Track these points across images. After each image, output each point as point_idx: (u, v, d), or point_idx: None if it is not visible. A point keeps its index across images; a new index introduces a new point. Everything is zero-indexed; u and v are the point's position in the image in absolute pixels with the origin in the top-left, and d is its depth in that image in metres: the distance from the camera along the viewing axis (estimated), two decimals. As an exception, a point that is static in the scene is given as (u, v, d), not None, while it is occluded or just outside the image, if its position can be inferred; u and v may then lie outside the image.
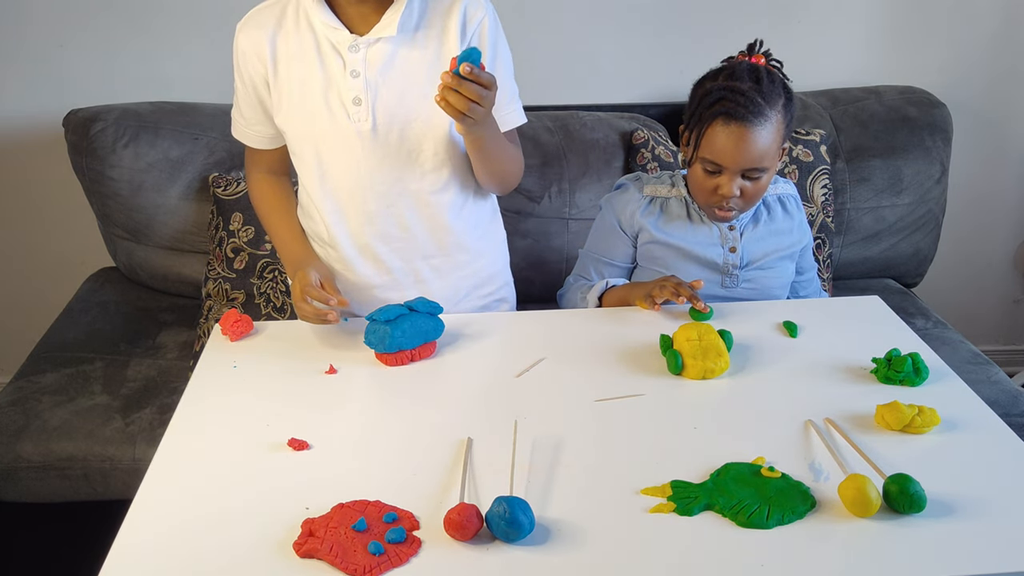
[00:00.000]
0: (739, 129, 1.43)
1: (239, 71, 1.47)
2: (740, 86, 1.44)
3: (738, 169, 1.46)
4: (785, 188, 1.64)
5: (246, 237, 2.03)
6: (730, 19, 2.32)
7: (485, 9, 1.43)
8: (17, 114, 2.29)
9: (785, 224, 1.61)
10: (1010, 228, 2.63)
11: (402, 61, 1.40)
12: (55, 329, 2.09)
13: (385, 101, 1.40)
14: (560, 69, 2.34)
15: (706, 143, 1.47)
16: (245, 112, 1.51)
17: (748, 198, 1.50)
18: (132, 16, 2.21)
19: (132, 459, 1.75)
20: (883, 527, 0.99)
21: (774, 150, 1.47)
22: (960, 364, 1.93)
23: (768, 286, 1.61)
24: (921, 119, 2.24)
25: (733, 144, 1.44)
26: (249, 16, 1.45)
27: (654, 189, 1.61)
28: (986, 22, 2.39)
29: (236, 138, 1.57)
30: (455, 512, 0.97)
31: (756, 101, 1.43)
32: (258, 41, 1.42)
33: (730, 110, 1.43)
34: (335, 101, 1.41)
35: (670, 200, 1.60)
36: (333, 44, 1.39)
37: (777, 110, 1.45)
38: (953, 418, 1.18)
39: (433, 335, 1.35)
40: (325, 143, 1.43)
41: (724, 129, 1.44)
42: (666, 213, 1.59)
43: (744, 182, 1.47)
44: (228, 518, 1.02)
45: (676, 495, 1.04)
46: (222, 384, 1.30)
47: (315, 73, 1.40)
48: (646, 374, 1.31)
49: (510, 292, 1.69)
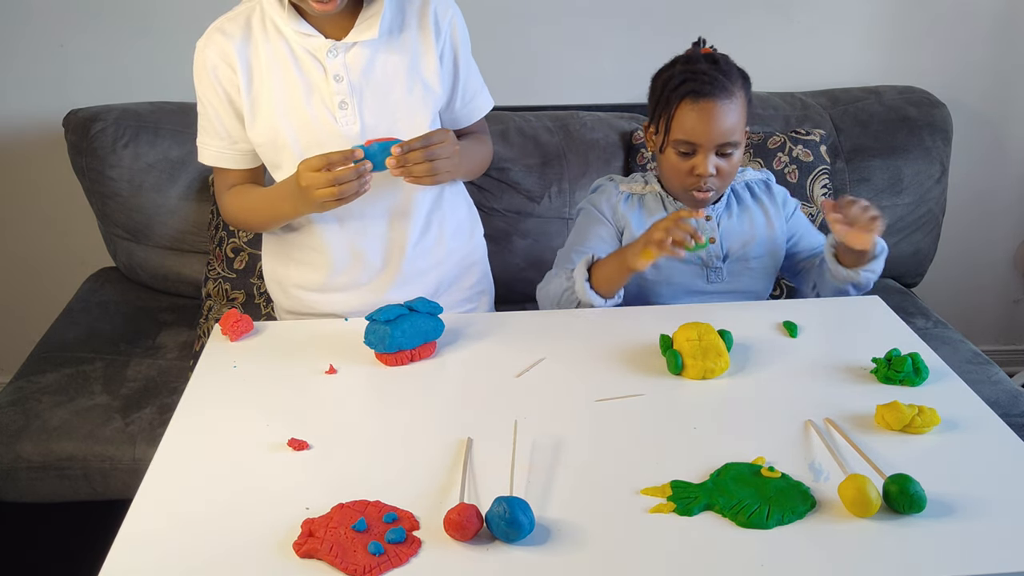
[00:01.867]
0: (708, 104, 1.46)
1: (210, 87, 1.43)
2: (701, 67, 1.48)
3: (712, 145, 1.47)
4: (752, 175, 1.66)
5: (246, 237, 2.03)
6: (730, 19, 2.32)
7: (452, 8, 1.49)
8: (17, 114, 2.29)
9: (756, 208, 1.62)
10: (1010, 228, 2.63)
11: (382, 63, 1.43)
12: (55, 329, 2.09)
13: (371, 103, 1.43)
14: (560, 69, 2.34)
15: (677, 125, 1.48)
16: (225, 131, 1.47)
17: (723, 176, 1.51)
18: (132, 16, 2.21)
19: (132, 459, 1.75)
20: (883, 527, 0.99)
21: (741, 126, 1.50)
22: (960, 364, 1.93)
23: (752, 279, 1.61)
24: (921, 119, 2.25)
25: (705, 120, 1.46)
26: (210, 31, 1.43)
27: (629, 187, 1.63)
28: (986, 22, 2.39)
29: (210, 164, 1.51)
30: (455, 512, 0.97)
31: (719, 78, 1.47)
32: (227, 51, 1.41)
33: (696, 88, 1.46)
34: (319, 106, 1.42)
35: (645, 196, 1.61)
36: (309, 50, 1.40)
37: (739, 87, 1.49)
38: (953, 418, 1.18)
39: (433, 335, 1.35)
40: (311, 150, 1.41)
41: (694, 107, 1.46)
42: (645, 209, 1.60)
43: (718, 160, 1.49)
44: (228, 518, 1.02)
45: (676, 495, 1.04)
46: (222, 384, 1.30)
47: (294, 80, 1.41)
48: (646, 374, 1.31)
49: (489, 284, 1.74)
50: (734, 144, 1.49)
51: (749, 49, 1.56)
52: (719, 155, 1.49)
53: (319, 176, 1.32)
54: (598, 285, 1.48)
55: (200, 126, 1.50)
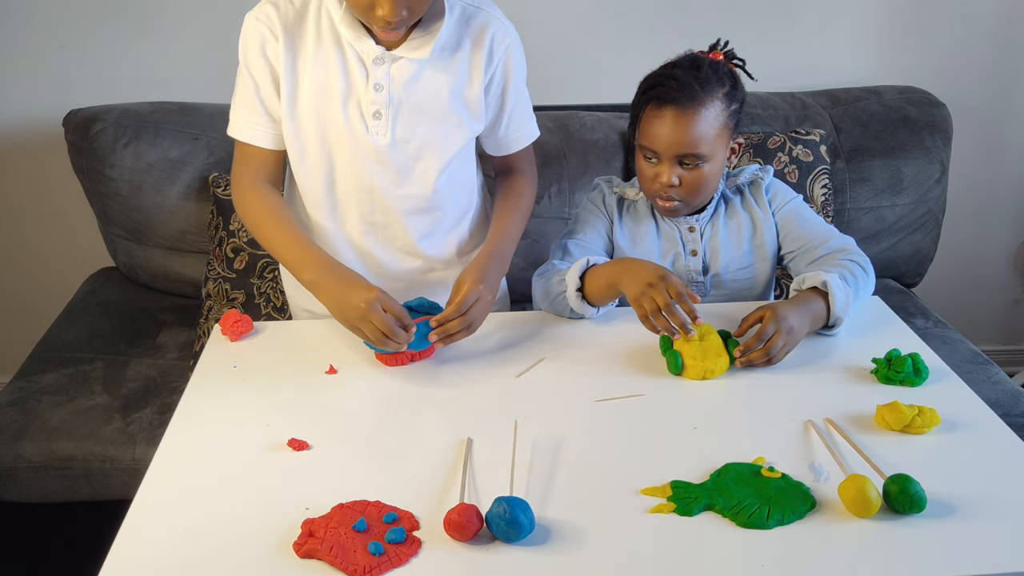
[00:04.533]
0: (670, 112, 1.41)
1: (254, 60, 1.37)
2: (675, 72, 1.43)
3: (671, 155, 1.43)
4: (747, 176, 1.58)
5: (246, 237, 2.03)
6: (730, 19, 2.32)
7: (511, 36, 1.44)
8: (17, 114, 2.29)
9: (744, 214, 1.56)
10: (1010, 228, 2.63)
11: (427, 80, 1.39)
12: (55, 329, 2.09)
13: (405, 119, 1.40)
14: (560, 69, 2.34)
15: (642, 129, 1.45)
16: (265, 109, 1.41)
17: (689, 189, 1.45)
18: (132, 16, 2.21)
19: (132, 459, 1.75)
20: (883, 527, 0.99)
21: (711, 137, 1.42)
22: (960, 364, 1.93)
23: (741, 286, 1.56)
24: (921, 119, 2.24)
25: (665, 129, 1.41)
26: (264, 2, 1.37)
27: (622, 190, 1.59)
28: (986, 22, 2.39)
29: (241, 139, 1.44)
30: (455, 512, 0.97)
31: (690, 86, 1.40)
32: (276, 27, 1.35)
33: (661, 94, 1.41)
34: (354, 111, 1.39)
35: (637, 203, 1.58)
36: (358, 53, 1.36)
37: (716, 97, 1.42)
38: (953, 418, 1.18)
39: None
40: (339, 152, 1.41)
41: (657, 113, 1.42)
42: (634, 214, 1.58)
43: (682, 170, 1.44)
44: (228, 518, 1.02)
45: (676, 495, 1.04)
46: (222, 384, 1.30)
47: (336, 78, 1.37)
48: (646, 374, 1.31)
49: (504, 288, 1.69)
50: (699, 156, 1.42)
51: (749, 49, 1.55)
52: (682, 165, 1.44)
53: (377, 316, 1.26)
54: (590, 294, 1.43)
55: (239, 100, 1.42)
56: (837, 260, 1.46)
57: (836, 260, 1.46)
